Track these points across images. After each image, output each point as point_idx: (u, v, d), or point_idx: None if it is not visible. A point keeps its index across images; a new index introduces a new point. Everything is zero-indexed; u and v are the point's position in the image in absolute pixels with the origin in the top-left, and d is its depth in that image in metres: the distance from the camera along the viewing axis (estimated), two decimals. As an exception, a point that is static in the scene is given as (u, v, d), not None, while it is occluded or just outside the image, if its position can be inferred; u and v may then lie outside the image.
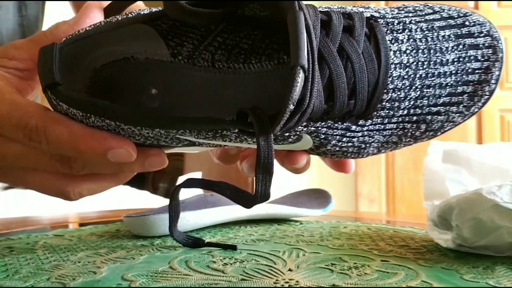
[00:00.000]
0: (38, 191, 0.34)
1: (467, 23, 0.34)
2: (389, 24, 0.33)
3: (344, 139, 0.34)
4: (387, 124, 0.34)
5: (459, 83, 0.33)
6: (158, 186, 2.95)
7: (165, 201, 0.89)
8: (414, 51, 0.33)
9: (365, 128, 0.33)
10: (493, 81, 0.34)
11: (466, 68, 0.33)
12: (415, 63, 0.33)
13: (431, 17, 0.34)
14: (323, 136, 0.33)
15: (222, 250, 0.36)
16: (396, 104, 0.33)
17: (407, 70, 0.33)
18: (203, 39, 0.33)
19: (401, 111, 0.33)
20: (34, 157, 0.31)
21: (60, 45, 0.29)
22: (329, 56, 0.30)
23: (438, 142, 0.41)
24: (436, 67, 0.33)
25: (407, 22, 0.33)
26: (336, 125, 0.33)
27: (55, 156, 0.31)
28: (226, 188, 0.31)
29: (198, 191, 0.60)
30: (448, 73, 0.33)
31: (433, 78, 0.33)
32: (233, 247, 0.36)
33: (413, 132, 0.35)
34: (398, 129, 0.34)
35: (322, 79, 0.30)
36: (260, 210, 0.50)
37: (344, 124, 0.33)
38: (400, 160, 1.97)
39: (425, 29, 0.33)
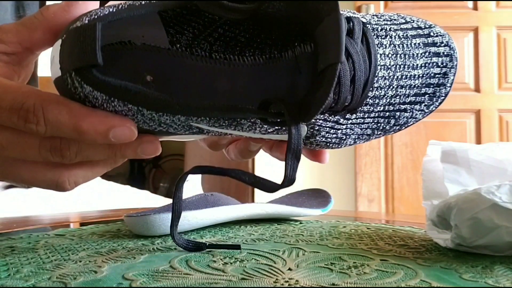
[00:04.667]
0: (29, 184, 0.32)
1: (431, 33, 0.39)
2: (375, 30, 0.36)
3: (332, 131, 0.37)
4: (366, 119, 0.37)
5: (423, 85, 0.38)
6: (159, 186, 2.95)
7: (166, 201, 0.89)
8: (394, 55, 0.36)
9: (349, 122, 0.37)
10: (448, 84, 0.39)
11: (430, 73, 0.38)
12: (394, 66, 0.36)
13: (405, 26, 0.38)
14: (317, 128, 0.36)
15: (222, 250, 0.36)
16: (377, 101, 0.36)
17: (388, 71, 0.36)
18: (204, 29, 0.34)
19: (379, 107, 0.37)
20: (22, 146, 0.29)
21: (101, 24, 0.28)
22: None
23: (437, 142, 0.41)
24: (409, 70, 0.37)
25: (388, 29, 0.37)
26: (330, 117, 0.36)
27: (45, 145, 0.29)
28: (243, 174, 0.32)
29: (198, 191, 0.60)
30: (416, 76, 0.37)
31: (405, 80, 0.37)
32: (236, 247, 0.36)
33: (384, 126, 0.38)
34: (373, 123, 0.38)
35: None
36: (260, 210, 0.50)
37: (336, 117, 0.36)
38: (399, 160, 1.98)
39: (401, 37, 0.37)
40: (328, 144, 0.38)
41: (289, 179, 0.30)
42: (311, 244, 0.39)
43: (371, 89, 0.36)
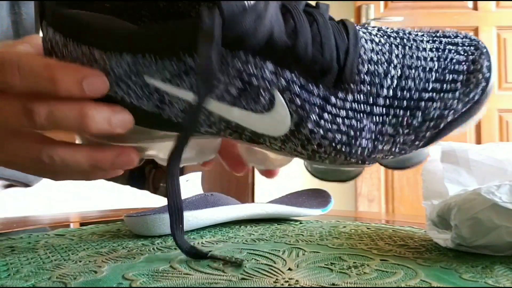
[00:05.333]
0: (13, 162, 0.33)
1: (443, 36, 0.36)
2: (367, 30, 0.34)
3: (326, 115, 0.31)
4: (374, 107, 0.32)
5: (446, 70, 0.33)
6: (159, 186, 2.95)
7: (165, 201, 0.89)
8: (385, 36, 0.34)
9: (348, 105, 0.32)
10: (484, 70, 0.34)
11: (449, 58, 0.34)
12: (387, 44, 0.33)
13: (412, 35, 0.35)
14: (299, 103, 0.31)
15: (222, 250, 0.36)
16: (377, 80, 0.32)
17: (379, 47, 0.33)
18: None
19: (385, 90, 0.32)
20: (3, 110, 0.30)
21: None
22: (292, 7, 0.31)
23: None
24: (412, 50, 0.33)
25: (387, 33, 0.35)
26: (311, 87, 0.31)
27: (21, 108, 0.30)
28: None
29: (198, 191, 0.60)
30: (428, 58, 0.33)
31: (412, 60, 0.33)
32: (238, 264, 0.31)
33: (410, 121, 0.33)
34: (389, 116, 0.33)
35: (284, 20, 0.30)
36: (260, 209, 0.50)
37: (320, 89, 0.31)
38: (399, 160, 1.97)
39: (401, 33, 0.35)
40: (333, 143, 0.32)
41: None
42: (311, 244, 0.39)
43: (361, 61, 0.32)
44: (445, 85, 0.33)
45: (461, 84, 0.34)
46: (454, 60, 0.34)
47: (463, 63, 0.34)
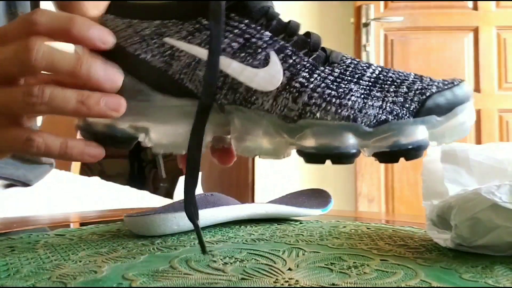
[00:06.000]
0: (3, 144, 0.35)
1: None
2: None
3: (315, 75, 0.35)
4: (360, 80, 0.35)
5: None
6: (159, 186, 2.95)
7: (165, 201, 0.89)
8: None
9: (335, 74, 0.35)
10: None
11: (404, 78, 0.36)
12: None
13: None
14: (291, 61, 0.35)
15: (222, 249, 0.36)
16: (360, 68, 0.36)
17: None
18: None
19: (369, 74, 0.36)
20: (6, 94, 0.33)
21: None
22: None
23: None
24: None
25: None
26: (302, 55, 0.36)
27: (25, 90, 0.33)
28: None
29: (198, 191, 0.60)
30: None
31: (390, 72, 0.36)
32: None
33: (396, 89, 0.35)
34: (376, 86, 0.35)
35: None
36: (260, 209, 0.50)
37: (310, 60, 0.35)
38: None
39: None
40: (322, 95, 0.34)
41: None
42: (311, 244, 0.39)
43: (345, 56, 0.36)
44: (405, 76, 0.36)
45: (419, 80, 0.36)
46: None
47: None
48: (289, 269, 0.31)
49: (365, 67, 0.36)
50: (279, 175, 2.05)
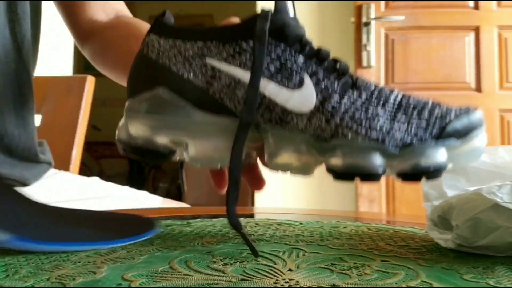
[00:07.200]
0: None
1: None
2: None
3: (345, 98, 0.36)
4: (385, 104, 0.36)
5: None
6: (158, 186, 2.96)
7: (165, 201, 0.89)
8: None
9: (363, 99, 0.37)
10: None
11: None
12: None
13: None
14: (323, 86, 0.37)
15: (223, 250, 0.36)
16: (384, 94, 0.37)
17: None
18: None
19: (392, 100, 0.37)
20: None
21: None
22: None
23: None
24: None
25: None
26: (332, 79, 0.37)
27: None
28: None
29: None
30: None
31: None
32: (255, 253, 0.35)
33: (418, 114, 0.36)
34: (400, 110, 0.36)
35: None
36: None
37: (339, 85, 0.37)
38: (400, 160, 1.97)
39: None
40: (353, 118, 0.36)
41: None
42: (311, 244, 0.39)
43: (369, 82, 0.38)
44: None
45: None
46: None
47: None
48: (290, 269, 0.31)
49: (388, 93, 0.37)
50: (279, 178, 2.05)
